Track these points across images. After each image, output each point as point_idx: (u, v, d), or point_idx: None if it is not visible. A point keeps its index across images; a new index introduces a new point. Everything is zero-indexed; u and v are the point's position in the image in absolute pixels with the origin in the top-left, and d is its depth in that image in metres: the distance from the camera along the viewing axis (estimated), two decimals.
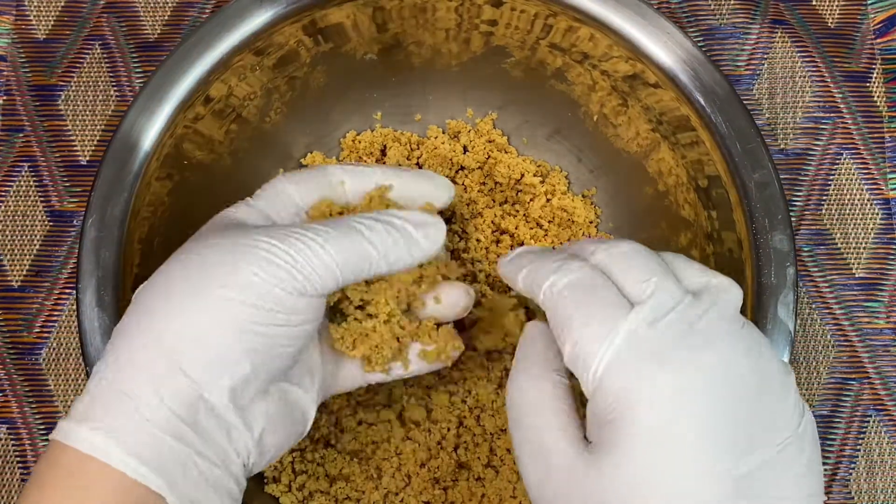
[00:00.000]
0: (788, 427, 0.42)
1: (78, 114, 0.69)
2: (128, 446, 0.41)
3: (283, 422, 0.48)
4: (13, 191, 0.68)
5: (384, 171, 0.54)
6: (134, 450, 0.41)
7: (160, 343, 0.43)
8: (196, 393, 0.43)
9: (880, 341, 0.66)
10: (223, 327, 0.43)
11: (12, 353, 0.66)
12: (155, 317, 0.44)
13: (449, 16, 0.60)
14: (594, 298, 0.43)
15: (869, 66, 0.70)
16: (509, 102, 0.67)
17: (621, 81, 0.60)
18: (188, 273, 0.45)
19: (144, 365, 0.43)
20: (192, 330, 0.43)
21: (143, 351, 0.43)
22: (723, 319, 0.43)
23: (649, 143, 0.61)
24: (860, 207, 0.68)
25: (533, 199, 0.66)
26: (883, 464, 0.65)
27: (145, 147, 0.55)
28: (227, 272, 0.44)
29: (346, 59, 0.63)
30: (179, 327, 0.43)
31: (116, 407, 0.42)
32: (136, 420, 0.42)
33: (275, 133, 0.65)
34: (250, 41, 0.56)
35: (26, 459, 0.64)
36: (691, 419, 0.40)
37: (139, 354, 0.43)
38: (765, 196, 0.55)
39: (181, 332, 0.43)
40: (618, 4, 0.56)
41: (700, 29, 0.71)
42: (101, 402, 0.43)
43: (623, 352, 0.41)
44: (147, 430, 0.42)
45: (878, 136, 0.69)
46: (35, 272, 0.67)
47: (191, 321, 0.43)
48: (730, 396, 0.41)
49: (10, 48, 0.70)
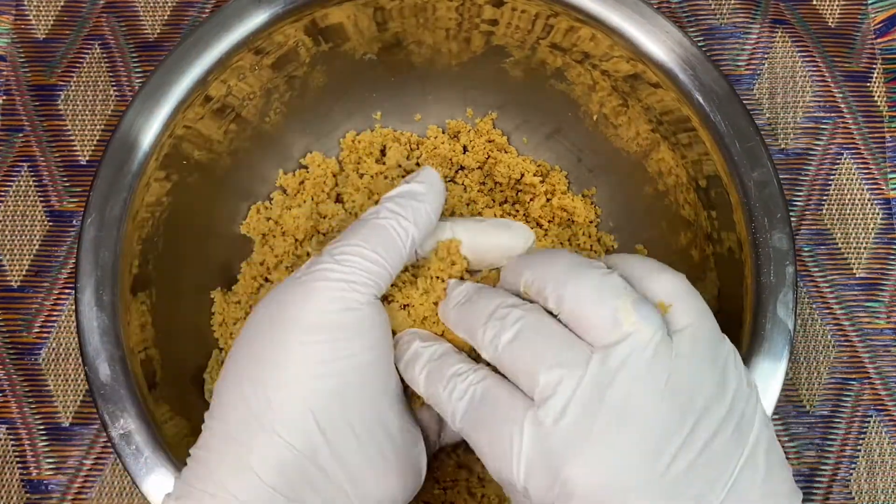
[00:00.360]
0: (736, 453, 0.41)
1: (77, 114, 0.69)
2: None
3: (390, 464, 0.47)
4: (13, 191, 0.68)
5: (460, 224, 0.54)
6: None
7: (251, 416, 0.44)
8: (291, 460, 0.43)
9: (881, 341, 0.66)
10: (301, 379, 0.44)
11: (12, 353, 0.66)
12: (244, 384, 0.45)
13: (449, 15, 0.60)
14: (489, 417, 0.43)
15: (869, 66, 0.70)
16: (509, 102, 0.67)
17: (622, 81, 0.60)
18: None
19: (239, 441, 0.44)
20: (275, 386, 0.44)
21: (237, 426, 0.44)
22: (634, 375, 0.41)
23: (649, 142, 0.61)
24: (861, 207, 0.68)
25: (533, 199, 0.66)
26: (883, 464, 0.65)
27: (144, 147, 0.55)
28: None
29: (346, 58, 0.63)
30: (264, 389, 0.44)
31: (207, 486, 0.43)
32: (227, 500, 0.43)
33: (274, 133, 0.65)
34: (249, 41, 0.56)
35: (26, 460, 0.64)
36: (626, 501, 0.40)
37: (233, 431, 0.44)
38: (764, 195, 0.55)
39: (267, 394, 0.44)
40: (617, 4, 0.56)
41: (700, 29, 0.70)
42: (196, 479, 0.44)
43: (533, 456, 0.41)
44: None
45: (878, 136, 0.69)
46: (34, 272, 0.67)
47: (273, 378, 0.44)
48: (661, 460, 0.40)
49: (9, 48, 0.70)
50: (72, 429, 0.65)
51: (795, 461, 0.65)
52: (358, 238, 0.47)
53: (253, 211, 0.65)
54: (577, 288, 0.43)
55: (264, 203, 0.65)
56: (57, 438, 0.65)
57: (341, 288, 0.45)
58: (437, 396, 0.45)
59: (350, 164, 0.66)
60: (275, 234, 0.64)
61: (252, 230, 0.64)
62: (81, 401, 0.65)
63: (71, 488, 0.64)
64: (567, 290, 0.43)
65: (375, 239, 0.47)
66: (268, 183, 0.66)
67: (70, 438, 0.65)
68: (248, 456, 0.43)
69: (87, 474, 0.64)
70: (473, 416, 0.43)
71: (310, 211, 0.63)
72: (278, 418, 0.43)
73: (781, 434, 0.65)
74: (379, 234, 0.47)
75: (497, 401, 0.43)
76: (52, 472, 0.64)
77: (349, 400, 0.45)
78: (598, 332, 0.42)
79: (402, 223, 0.48)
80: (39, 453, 0.65)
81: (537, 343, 0.43)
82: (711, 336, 0.43)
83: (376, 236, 0.47)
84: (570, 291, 0.43)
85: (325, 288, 0.45)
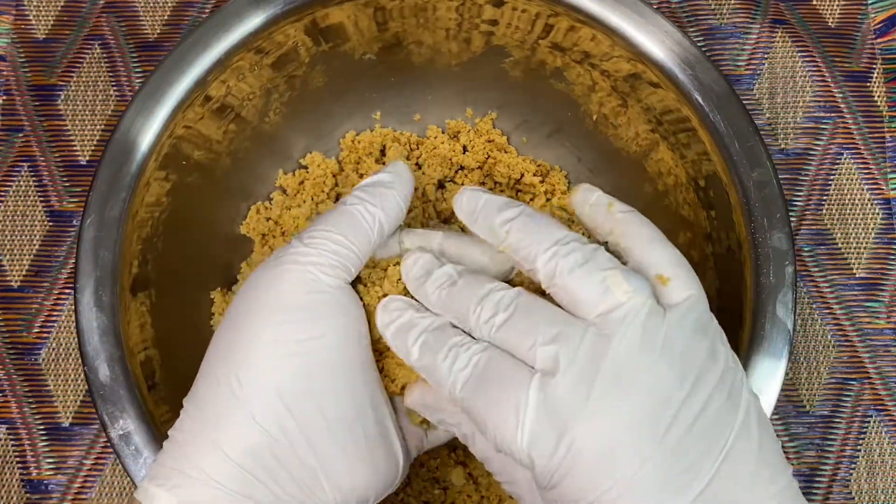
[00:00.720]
0: (729, 421, 0.41)
1: (77, 114, 0.69)
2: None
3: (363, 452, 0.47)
4: (13, 191, 0.68)
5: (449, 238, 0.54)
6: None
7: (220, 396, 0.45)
8: (261, 439, 0.44)
9: (881, 341, 0.66)
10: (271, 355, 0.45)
11: (12, 353, 0.66)
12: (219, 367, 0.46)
13: (449, 15, 0.60)
14: (493, 385, 0.43)
15: (869, 66, 0.70)
16: (509, 102, 0.67)
17: (622, 81, 0.59)
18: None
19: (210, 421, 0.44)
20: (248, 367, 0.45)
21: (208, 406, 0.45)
22: (630, 339, 0.41)
23: (648, 143, 0.61)
24: (861, 207, 0.68)
25: (533, 199, 0.66)
26: (883, 464, 0.65)
27: (143, 147, 0.55)
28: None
29: (346, 58, 0.63)
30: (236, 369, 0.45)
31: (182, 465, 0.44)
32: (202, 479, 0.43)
33: (274, 133, 0.65)
34: (249, 41, 0.56)
35: (25, 459, 0.64)
36: (631, 464, 0.39)
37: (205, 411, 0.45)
38: (763, 195, 0.55)
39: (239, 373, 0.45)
40: (616, 4, 0.56)
41: (700, 29, 0.70)
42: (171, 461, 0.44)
43: (537, 422, 0.41)
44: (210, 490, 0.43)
45: (878, 136, 0.69)
46: (34, 272, 0.67)
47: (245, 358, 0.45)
48: (660, 423, 0.40)
49: (9, 48, 0.70)
50: (72, 429, 0.65)
51: (795, 461, 0.65)
52: (327, 224, 0.47)
53: (253, 211, 0.65)
54: (566, 264, 0.43)
55: (264, 203, 0.65)
56: (57, 438, 0.65)
57: (310, 271, 0.46)
58: (434, 367, 0.45)
59: (350, 164, 0.66)
60: (275, 235, 0.64)
61: (252, 230, 0.64)
62: (81, 401, 0.65)
63: (71, 488, 0.64)
64: (558, 265, 0.43)
65: (343, 224, 0.47)
66: (267, 183, 0.66)
67: (70, 438, 0.65)
68: (219, 436, 0.43)
69: (87, 474, 0.64)
70: (476, 384, 0.43)
71: (309, 211, 0.63)
72: (247, 398, 0.44)
73: (781, 434, 0.65)
74: (347, 219, 0.48)
75: (501, 368, 0.43)
76: (52, 472, 0.64)
77: (318, 380, 0.45)
78: (590, 303, 0.42)
79: (369, 209, 0.48)
80: (39, 453, 0.65)
81: (534, 319, 0.43)
82: (705, 311, 0.44)
83: (344, 221, 0.48)
84: (560, 266, 0.43)
85: (294, 270, 0.46)
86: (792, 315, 0.53)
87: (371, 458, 0.47)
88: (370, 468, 0.47)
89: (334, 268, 0.47)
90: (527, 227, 0.45)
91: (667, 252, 0.45)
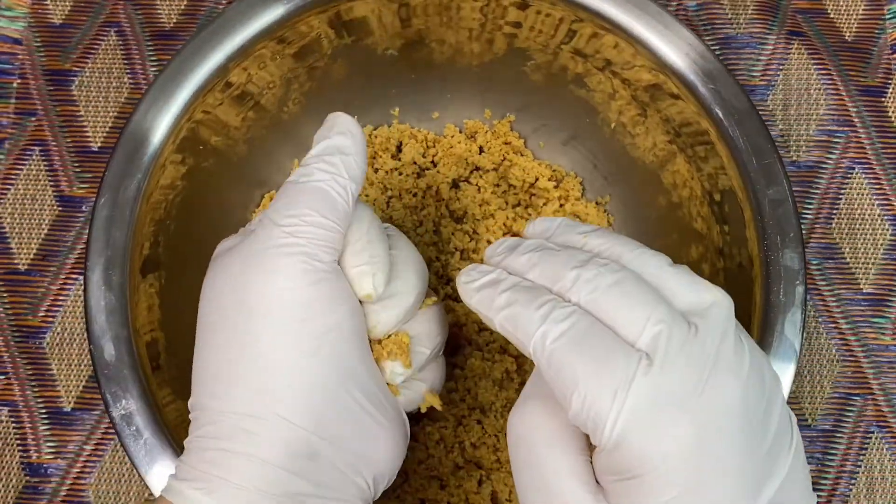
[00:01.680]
0: (787, 441, 0.41)
1: (91, 100, 0.69)
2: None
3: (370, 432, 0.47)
4: (24, 174, 0.68)
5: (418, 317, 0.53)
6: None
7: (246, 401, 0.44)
8: (294, 439, 0.43)
9: (885, 358, 0.66)
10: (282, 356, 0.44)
11: (17, 336, 0.66)
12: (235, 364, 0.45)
13: (473, 15, 0.60)
14: (595, 348, 0.40)
15: (885, 81, 0.70)
16: (528, 105, 0.67)
17: (642, 91, 0.59)
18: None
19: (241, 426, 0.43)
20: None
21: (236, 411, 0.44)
22: (727, 342, 0.41)
23: (666, 154, 0.61)
24: (870, 222, 0.68)
25: (546, 204, 0.66)
26: (883, 481, 0.65)
27: (162, 129, 0.55)
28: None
29: (368, 52, 0.63)
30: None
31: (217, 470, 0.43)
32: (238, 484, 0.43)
33: (291, 123, 0.65)
34: (272, 30, 0.56)
35: (27, 442, 0.64)
36: (717, 468, 0.39)
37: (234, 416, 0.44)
38: (778, 213, 0.55)
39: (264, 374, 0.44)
40: (641, 13, 0.56)
41: (717, 38, 0.70)
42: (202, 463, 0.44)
43: (640, 405, 0.39)
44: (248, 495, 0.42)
45: (891, 152, 0.69)
46: (42, 256, 0.67)
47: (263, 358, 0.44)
48: (748, 430, 0.40)
49: (25, 32, 0.70)
50: (73, 413, 0.65)
51: None
52: (305, 206, 0.46)
53: (266, 199, 0.65)
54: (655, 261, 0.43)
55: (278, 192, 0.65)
56: (58, 423, 0.65)
57: (304, 261, 0.45)
58: (523, 315, 0.42)
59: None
60: None
61: None
62: (84, 386, 0.65)
63: (70, 473, 0.64)
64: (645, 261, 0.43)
65: (321, 204, 0.46)
66: (282, 172, 0.66)
67: (71, 423, 0.65)
68: (255, 440, 0.43)
69: (87, 459, 0.64)
70: (573, 343, 0.40)
71: None
72: (278, 402, 0.43)
73: None
74: (323, 197, 0.46)
75: (605, 336, 0.40)
76: (52, 456, 0.64)
77: (342, 369, 0.45)
78: (683, 296, 0.42)
79: (339, 182, 0.47)
80: (40, 437, 0.64)
81: (641, 294, 0.41)
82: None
83: (321, 201, 0.46)
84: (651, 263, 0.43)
85: (290, 264, 0.44)
86: (800, 335, 0.53)
87: (394, 434, 0.47)
88: (394, 444, 0.47)
89: (326, 252, 0.46)
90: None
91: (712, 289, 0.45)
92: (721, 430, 0.39)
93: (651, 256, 0.43)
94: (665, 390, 0.39)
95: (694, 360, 0.39)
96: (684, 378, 0.39)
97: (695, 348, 0.40)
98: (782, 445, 0.41)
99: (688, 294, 0.42)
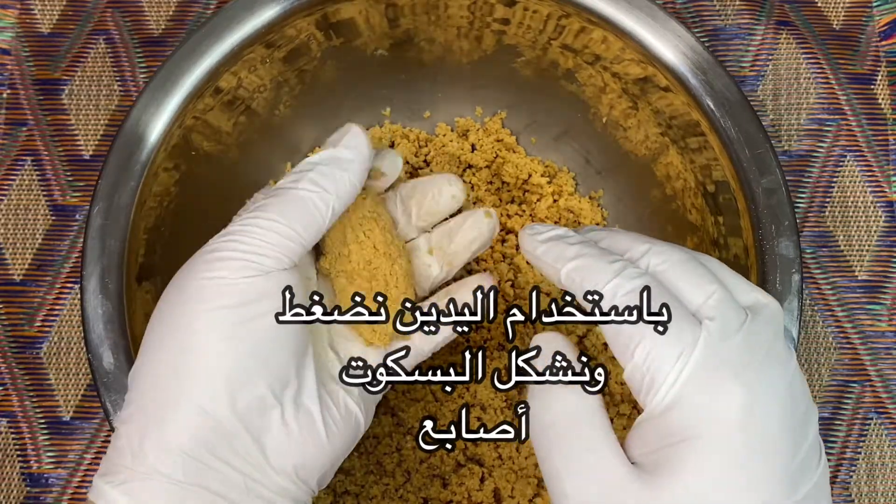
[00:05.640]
0: (815, 461, 0.42)
1: (81, 108, 0.69)
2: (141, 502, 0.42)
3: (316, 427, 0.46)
4: (16, 184, 0.68)
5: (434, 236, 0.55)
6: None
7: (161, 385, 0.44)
8: (207, 424, 0.43)
9: (882, 344, 0.67)
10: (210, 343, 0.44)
11: (13, 347, 0.65)
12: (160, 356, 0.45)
13: (461, 13, 0.60)
14: (672, 305, 0.42)
15: (874, 69, 0.70)
16: (519, 102, 0.67)
17: (632, 84, 0.60)
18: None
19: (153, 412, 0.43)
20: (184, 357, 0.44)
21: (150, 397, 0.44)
22: (778, 340, 0.42)
23: (658, 146, 0.61)
24: (863, 210, 0.68)
25: (540, 200, 0.66)
26: (884, 467, 0.65)
27: (154, 136, 0.55)
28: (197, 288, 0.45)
29: (357, 54, 0.63)
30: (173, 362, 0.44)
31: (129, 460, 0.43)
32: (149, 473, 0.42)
33: (283, 126, 0.65)
34: (261, 34, 0.56)
35: (26, 453, 0.64)
36: (765, 440, 0.40)
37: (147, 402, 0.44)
38: (772, 202, 0.55)
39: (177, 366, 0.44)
40: (629, 6, 0.56)
41: (705, 29, 0.71)
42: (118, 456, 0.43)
43: (701, 367, 0.40)
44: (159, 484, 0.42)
45: (882, 139, 0.69)
46: (37, 266, 0.67)
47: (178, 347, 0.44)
48: (792, 417, 0.40)
49: (14, 42, 0.70)
50: (72, 423, 0.65)
51: None
52: (275, 212, 0.46)
53: None
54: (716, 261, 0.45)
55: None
56: (58, 432, 0.65)
57: (251, 259, 0.44)
58: (593, 267, 0.43)
59: None
60: None
61: None
62: (82, 395, 0.65)
63: (71, 482, 0.64)
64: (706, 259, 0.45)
65: (294, 213, 0.46)
66: (275, 175, 0.66)
67: (71, 433, 0.65)
68: (165, 426, 0.42)
69: (88, 469, 0.64)
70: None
71: None
72: (191, 387, 0.43)
73: None
74: (299, 208, 0.46)
75: (674, 299, 0.42)
76: (53, 466, 0.64)
77: (262, 361, 0.44)
78: (741, 293, 0.44)
79: (323, 198, 0.47)
80: (40, 447, 0.64)
81: (707, 274, 0.43)
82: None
83: (295, 210, 0.46)
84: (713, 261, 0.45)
85: (234, 257, 0.44)
86: (797, 323, 0.53)
87: (318, 431, 0.46)
88: (318, 442, 0.46)
89: (277, 259, 0.45)
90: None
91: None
92: (769, 414, 0.40)
93: (711, 258, 0.45)
94: (723, 358, 0.40)
95: (750, 342, 0.41)
96: (741, 353, 0.41)
97: (751, 333, 0.41)
98: (811, 462, 0.41)
99: (746, 293, 0.44)
